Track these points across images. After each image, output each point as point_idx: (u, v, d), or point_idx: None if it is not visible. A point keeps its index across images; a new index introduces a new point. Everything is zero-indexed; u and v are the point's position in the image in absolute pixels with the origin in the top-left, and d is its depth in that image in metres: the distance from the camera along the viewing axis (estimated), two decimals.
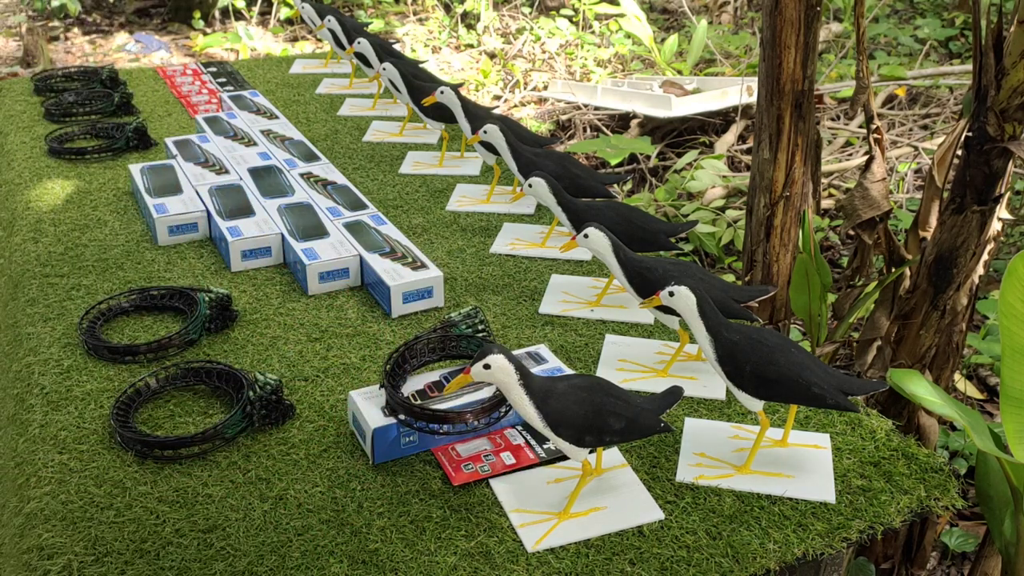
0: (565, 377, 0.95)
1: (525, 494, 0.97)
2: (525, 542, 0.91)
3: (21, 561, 0.90)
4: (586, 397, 0.92)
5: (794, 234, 1.86)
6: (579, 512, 0.95)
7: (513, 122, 1.61)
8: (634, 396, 0.96)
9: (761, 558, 0.90)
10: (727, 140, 3.60)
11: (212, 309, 1.25)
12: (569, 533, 0.93)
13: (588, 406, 0.92)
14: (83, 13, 5.72)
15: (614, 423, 0.93)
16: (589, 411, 0.92)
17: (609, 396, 0.94)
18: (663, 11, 5.67)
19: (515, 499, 0.97)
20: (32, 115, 2.02)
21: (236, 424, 1.06)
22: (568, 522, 0.94)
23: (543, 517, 0.94)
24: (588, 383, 0.94)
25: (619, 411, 0.93)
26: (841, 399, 0.96)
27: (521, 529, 0.93)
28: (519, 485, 0.99)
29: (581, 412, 0.92)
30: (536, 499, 0.97)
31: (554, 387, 0.92)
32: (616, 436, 0.93)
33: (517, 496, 0.97)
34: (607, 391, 0.94)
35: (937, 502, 0.99)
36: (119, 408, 1.08)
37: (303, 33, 5.38)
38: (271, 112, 1.97)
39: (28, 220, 1.56)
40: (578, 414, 0.92)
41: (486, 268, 1.44)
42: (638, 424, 0.94)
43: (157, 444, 1.03)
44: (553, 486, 0.98)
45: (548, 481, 0.99)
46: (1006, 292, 1.26)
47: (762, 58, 1.77)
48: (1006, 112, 1.47)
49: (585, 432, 0.92)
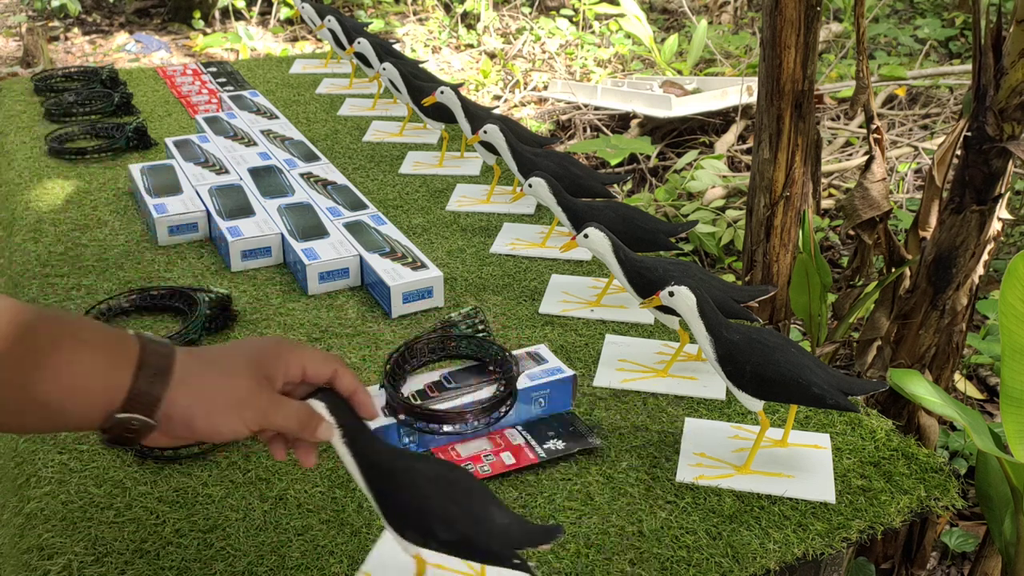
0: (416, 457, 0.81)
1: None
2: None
3: (21, 561, 0.90)
4: (431, 487, 0.76)
5: (794, 234, 1.86)
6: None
7: (513, 122, 1.61)
8: (497, 505, 0.78)
9: (761, 558, 0.90)
10: (727, 140, 3.60)
11: (212, 309, 1.25)
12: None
13: (425, 500, 0.76)
14: (83, 13, 5.72)
15: (442, 534, 0.76)
16: (424, 507, 0.76)
17: (462, 495, 0.76)
18: (663, 11, 5.67)
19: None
20: (32, 115, 2.02)
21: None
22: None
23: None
24: (439, 471, 0.78)
25: (458, 518, 0.76)
26: (841, 399, 0.96)
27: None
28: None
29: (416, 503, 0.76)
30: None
31: (394, 468, 0.77)
32: (444, 548, 0.76)
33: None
34: (466, 488, 0.77)
35: (937, 502, 0.99)
36: None
37: (303, 33, 5.38)
38: (271, 112, 1.97)
39: (28, 220, 1.56)
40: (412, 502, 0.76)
41: (486, 268, 1.44)
42: (475, 545, 0.75)
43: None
44: None
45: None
46: (1006, 292, 1.26)
47: (762, 58, 1.77)
48: (1005, 112, 1.47)
49: (407, 527, 0.77)
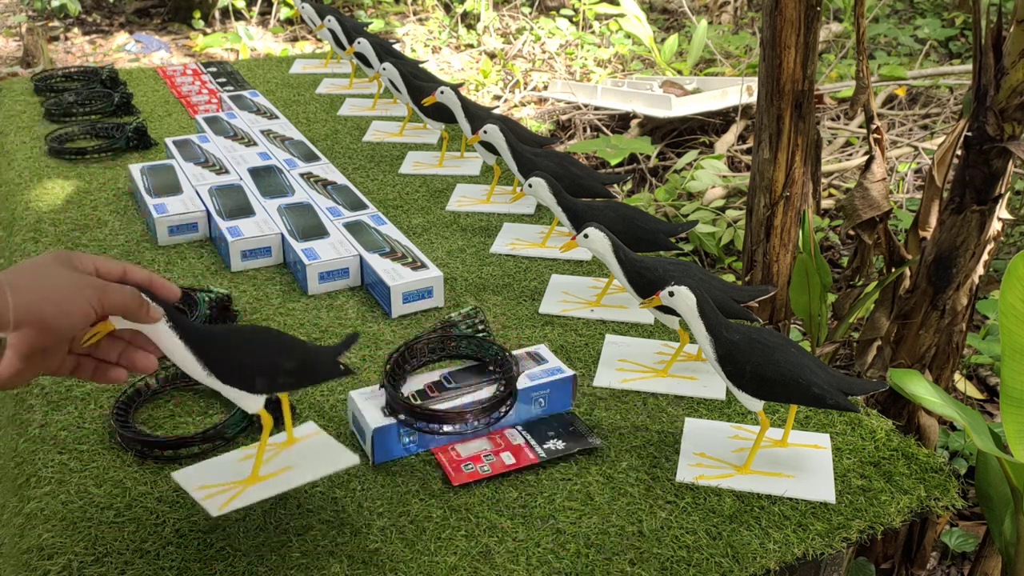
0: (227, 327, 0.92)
1: (207, 472, 0.93)
2: (209, 511, 0.87)
3: (21, 561, 0.90)
4: (252, 340, 0.89)
5: (794, 234, 1.86)
6: (267, 475, 0.92)
7: (513, 122, 1.61)
8: (307, 343, 0.95)
9: (761, 558, 0.90)
10: (727, 140, 3.60)
11: (212, 309, 1.25)
12: (254, 495, 0.89)
13: (256, 348, 0.88)
14: (83, 13, 5.72)
15: (285, 363, 0.89)
16: (258, 353, 0.88)
17: (279, 339, 0.91)
18: (663, 11, 5.67)
19: (198, 478, 0.92)
20: (32, 115, 2.02)
21: (236, 424, 1.06)
22: (255, 486, 0.90)
23: (228, 487, 0.90)
24: (253, 329, 0.92)
25: (291, 351, 0.90)
26: (841, 399, 0.96)
27: (204, 501, 0.88)
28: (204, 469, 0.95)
29: (249, 355, 0.88)
30: (222, 475, 0.93)
31: (215, 334, 0.88)
32: (290, 377, 0.90)
33: (200, 475, 0.93)
34: (275, 334, 0.91)
35: (937, 502, 0.99)
36: (119, 408, 1.08)
37: (303, 33, 5.38)
38: (271, 112, 1.97)
39: (28, 220, 1.56)
40: (245, 357, 0.87)
41: (486, 268, 1.44)
42: (312, 367, 0.91)
43: (157, 444, 1.03)
44: (245, 462, 0.95)
45: (240, 459, 0.95)
46: (1006, 292, 1.26)
47: (762, 58, 1.77)
48: (1006, 112, 1.47)
49: (256, 374, 0.88)
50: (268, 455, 0.94)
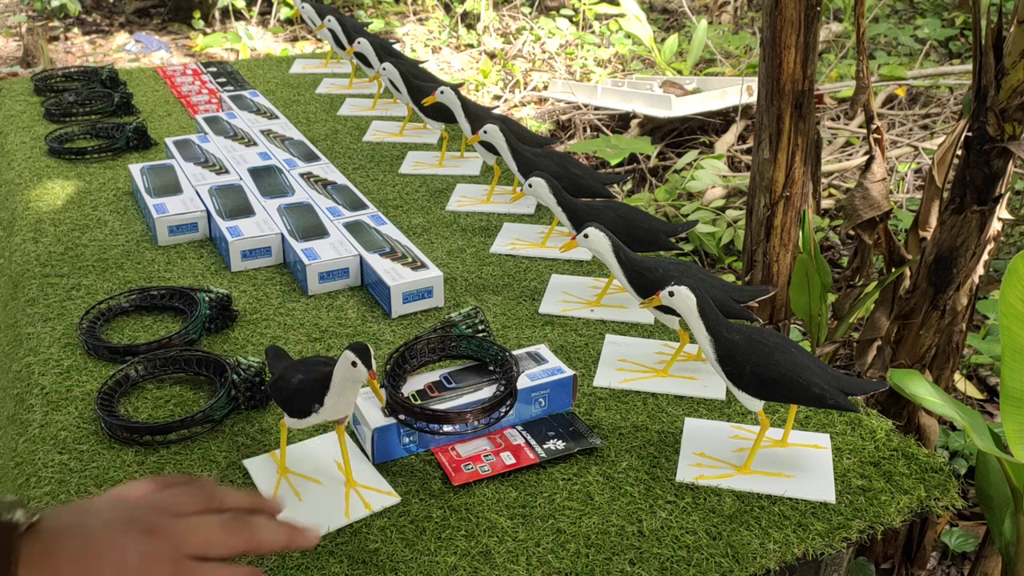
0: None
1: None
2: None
3: None
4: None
5: (794, 234, 1.86)
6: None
7: (513, 122, 1.61)
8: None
9: (761, 558, 0.90)
10: (727, 140, 3.60)
11: (212, 309, 1.25)
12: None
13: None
14: (83, 13, 5.72)
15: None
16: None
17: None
18: (663, 11, 5.67)
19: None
20: (32, 115, 2.02)
21: (223, 407, 1.07)
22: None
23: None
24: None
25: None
26: (841, 399, 0.96)
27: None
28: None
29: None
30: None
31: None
32: None
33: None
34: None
35: (937, 502, 0.99)
36: (103, 397, 1.09)
37: (303, 33, 5.38)
38: (271, 112, 1.97)
39: (28, 220, 1.56)
40: None
41: (486, 268, 1.44)
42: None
43: (146, 430, 1.03)
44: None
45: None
46: (1006, 292, 1.26)
47: (762, 58, 1.77)
48: (1006, 112, 1.47)
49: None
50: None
